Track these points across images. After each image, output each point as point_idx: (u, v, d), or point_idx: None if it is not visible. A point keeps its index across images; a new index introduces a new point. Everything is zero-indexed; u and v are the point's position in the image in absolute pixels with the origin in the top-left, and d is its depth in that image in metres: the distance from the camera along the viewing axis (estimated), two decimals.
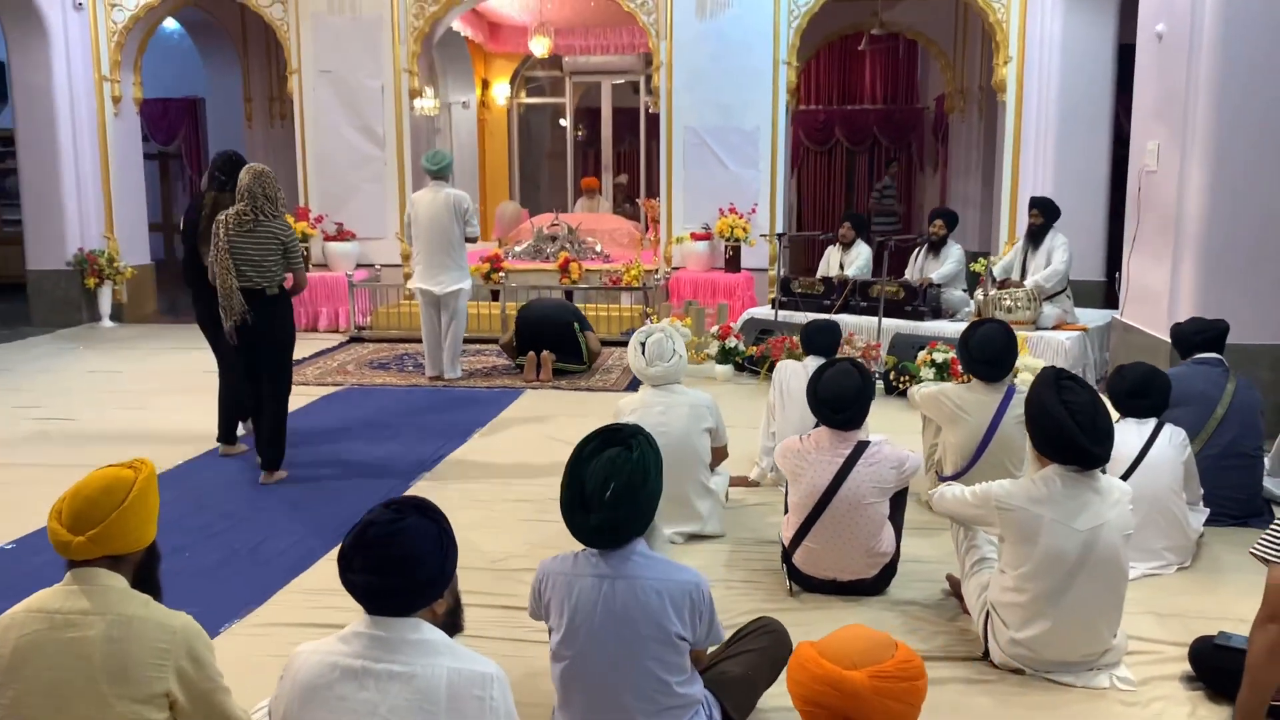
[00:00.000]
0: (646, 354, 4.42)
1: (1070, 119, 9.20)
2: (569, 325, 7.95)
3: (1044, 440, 3.02)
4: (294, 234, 5.25)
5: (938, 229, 8.26)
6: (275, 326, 5.19)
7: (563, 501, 2.55)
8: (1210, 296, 5.86)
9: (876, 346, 7.31)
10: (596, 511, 2.47)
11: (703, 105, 9.99)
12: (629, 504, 2.47)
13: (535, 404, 7.07)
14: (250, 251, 5.09)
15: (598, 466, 2.50)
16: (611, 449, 2.55)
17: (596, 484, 2.48)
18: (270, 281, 5.14)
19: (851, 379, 3.83)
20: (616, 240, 11.57)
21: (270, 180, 5.13)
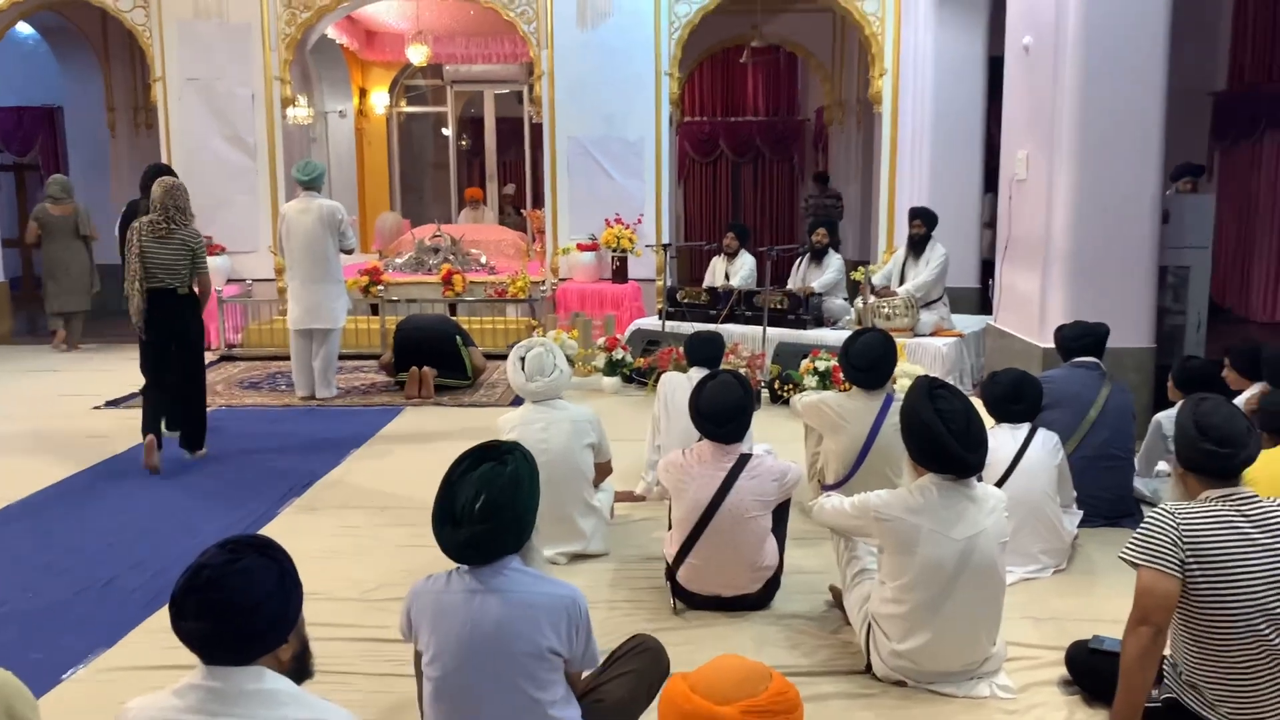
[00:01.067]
0: (526, 369, 4.30)
1: (944, 130, 9.42)
2: (450, 340, 7.77)
3: (919, 450, 3.01)
4: (202, 242, 5.88)
5: (819, 238, 8.35)
6: (189, 322, 5.81)
7: (434, 519, 2.47)
8: (1078, 302, 6.01)
9: (761, 356, 7.32)
10: (467, 525, 2.41)
11: (586, 115, 9.91)
12: (500, 517, 2.41)
13: (415, 422, 6.87)
14: (164, 256, 5.70)
15: (470, 481, 2.47)
16: (485, 464, 2.49)
17: (467, 498, 2.43)
18: (181, 283, 5.75)
19: (732, 392, 3.78)
20: (502, 251, 11.40)
21: (181, 193, 5.76)
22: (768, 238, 15.95)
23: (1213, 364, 4.88)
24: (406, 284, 9.94)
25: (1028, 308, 6.54)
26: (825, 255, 8.33)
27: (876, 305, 7.68)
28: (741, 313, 8.19)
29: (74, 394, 7.70)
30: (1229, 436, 2.64)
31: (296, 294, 7.32)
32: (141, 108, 12.56)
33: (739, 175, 16.58)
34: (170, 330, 5.75)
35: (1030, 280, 6.50)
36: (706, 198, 16.63)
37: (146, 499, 5.24)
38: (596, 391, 7.71)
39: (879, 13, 9.68)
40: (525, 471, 2.51)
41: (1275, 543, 2.61)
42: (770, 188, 16.47)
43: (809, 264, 8.44)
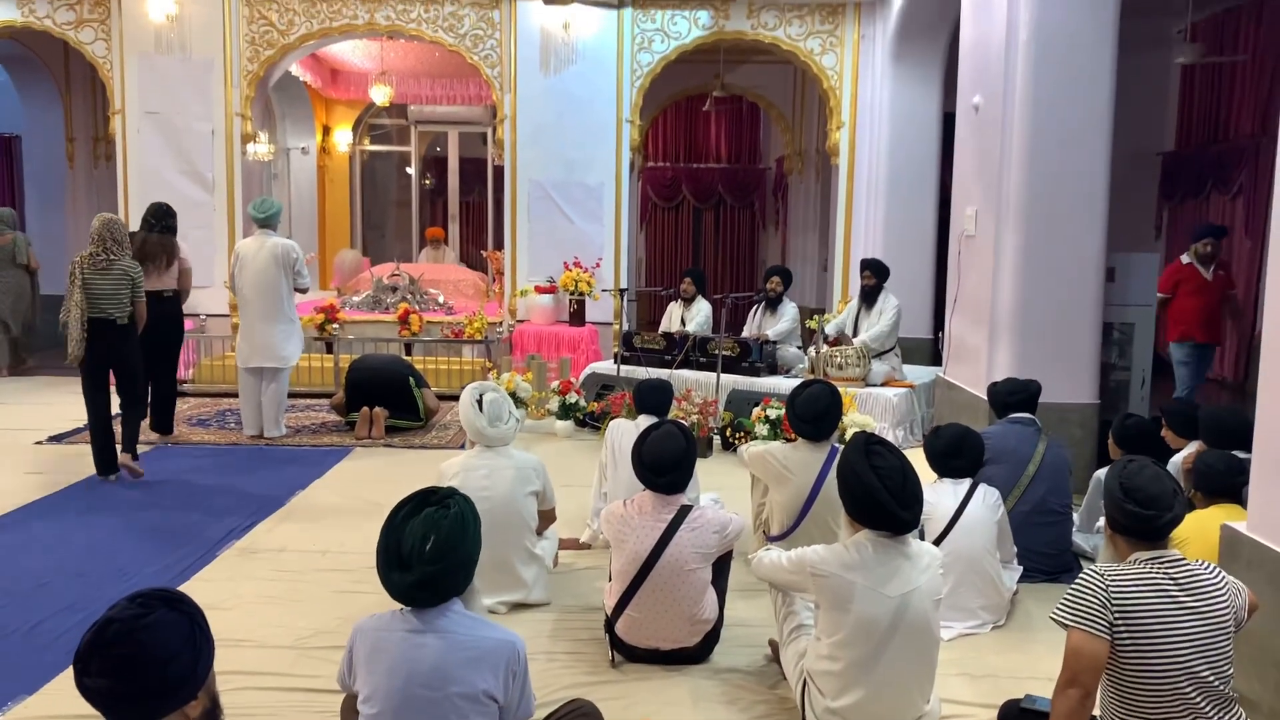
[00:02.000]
0: (486, 413, 4.26)
1: (899, 183, 9.56)
2: (403, 380, 7.72)
3: (855, 506, 3.01)
4: (140, 271, 6.20)
5: (774, 286, 8.40)
6: (128, 349, 6.10)
7: (379, 564, 2.49)
8: (1024, 357, 6.09)
9: (714, 402, 7.33)
10: (417, 567, 2.43)
11: (547, 159, 9.96)
12: (450, 559, 2.45)
13: (364, 463, 6.80)
14: (104, 287, 6.00)
15: (415, 525, 2.51)
16: (429, 508, 2.52)
17: (415, 541, 2.47)
18: (122, 312, 6.05)
19: (674, 442, 3.77)
20: (461, 291, 11.37)
21: (119, 227, 6.11)
22: (729, 284, 16.06)
23: (1151, 421, 4.95)
24: (363, 322, 9.87)
25: (976, 361, 6.61)
26: (780, 303, 8.39)
27: (829, 354, 7.73)
28: (696, 358, 8.21)
29: (16, 428, 7.54)
30: (1153, 498, 2.66)
31: (247, 332, 7.24)
32: (101, 139, 12.47)
33: (701, 221, 16.70)
34: (112, 356, 6.07)
35: (978, 334, 6.58)
36: (668, 242, 16.73)
37: (83, 539, 5.12)
38: (550, 435, 7.68)
39: (837, 67, 9.85)
40: (469, 514, 2.57)
41: (1202, 606, 2.64)
42: (731, 234, 16.60)
43: (764, 312, 8.49)
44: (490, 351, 9.31)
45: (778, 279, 8.45)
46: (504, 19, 9.82)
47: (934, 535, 4.10)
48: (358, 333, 9.55)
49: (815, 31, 9.86)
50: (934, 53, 9.47)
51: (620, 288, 9.48)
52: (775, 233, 15.72)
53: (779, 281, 8.42)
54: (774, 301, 8.41)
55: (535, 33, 9.78)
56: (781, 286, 8.40)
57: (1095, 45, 5.93)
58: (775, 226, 15.72)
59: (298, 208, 13.62)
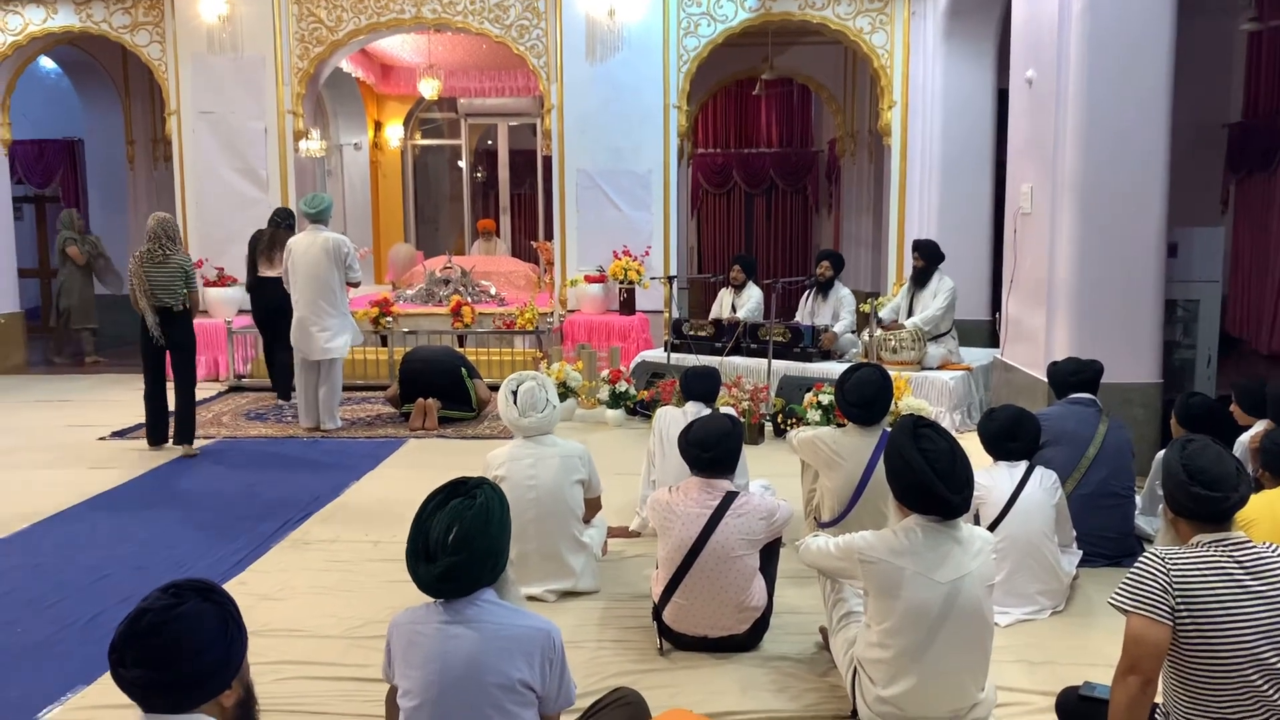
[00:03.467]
0: (519, 404, 4.26)
1: (953, 161, 9.37)
2: (456, 371, 7.77)
3: (903, 490, 2.94)
4: (192, 264, 6.78)
5: (824, 271, 8.29)
6: (183, 334, 6.73)
7: (408, 557, 2.48)
8: (1083, 336, 5.93)
9: (765, 389, 7.26)
10: (441, 559, 2.43)
11: (595, 148, 9.93)
12: (473, 548, 2.43)
13: (417, 454, 6.85)
14: (161, 279, 6.61)
15: (441, 517, 2.52)
16: (456, 499, 2.51)
17: (439, 532, 2.47)
18: (176, 300, 6.64)
19: (719, 421, 3.77)
20: (513, 283, 11.42)
21: (171, 224, 6.73)
22: (782, 269, 15.92)
23: (1216, 401, 4.79)
24: (416, 315, 9.95)
25: (1033, 341, 6.46)
26: (831, 288, 8.28)
27: (884, 338, 7.61)
28: (746, 345, 8.14)
29: (81, 424, 7.72)
30: (1218, 479, 2.55)
31: (300, 325, 7.33)
32: (159, 140, 12.72)
33: (752, 207, 16.57)
34: (170, 341, 6.70)
35: (1035, 314, 6.43)
36: (720, 229, 16.63)
37: (141, 532, 5.22)
38: (601, 424, 7.68)
39: (887, 45, 9.67)
40: (495, 503, 2.54)
41: (1269, 590, 2.52)
42: (784, 219, 16.44)
43: (815, 297, 8.38)
44: (541, 342, 9.33)
45: (827, 263, 8.34)
46: (549, 7, 9.81)
47: (989, 519, 4.01)
48: (411, 325, 9.63)
49: (865, 10, 9.69)
50: (986, 27, 9.25)
51: (669, 275, 9.42)
52: (828, 216, 15.55)
53: (829, 266, 8.30)
54: (825, 287, 8.30)
55: (580, 20, 9.75)
56: (831, 271, 8.28)
57: (1153, 13, 5.73)
58: (828, 210, 15.54)
59: (351, 203, 13.78)
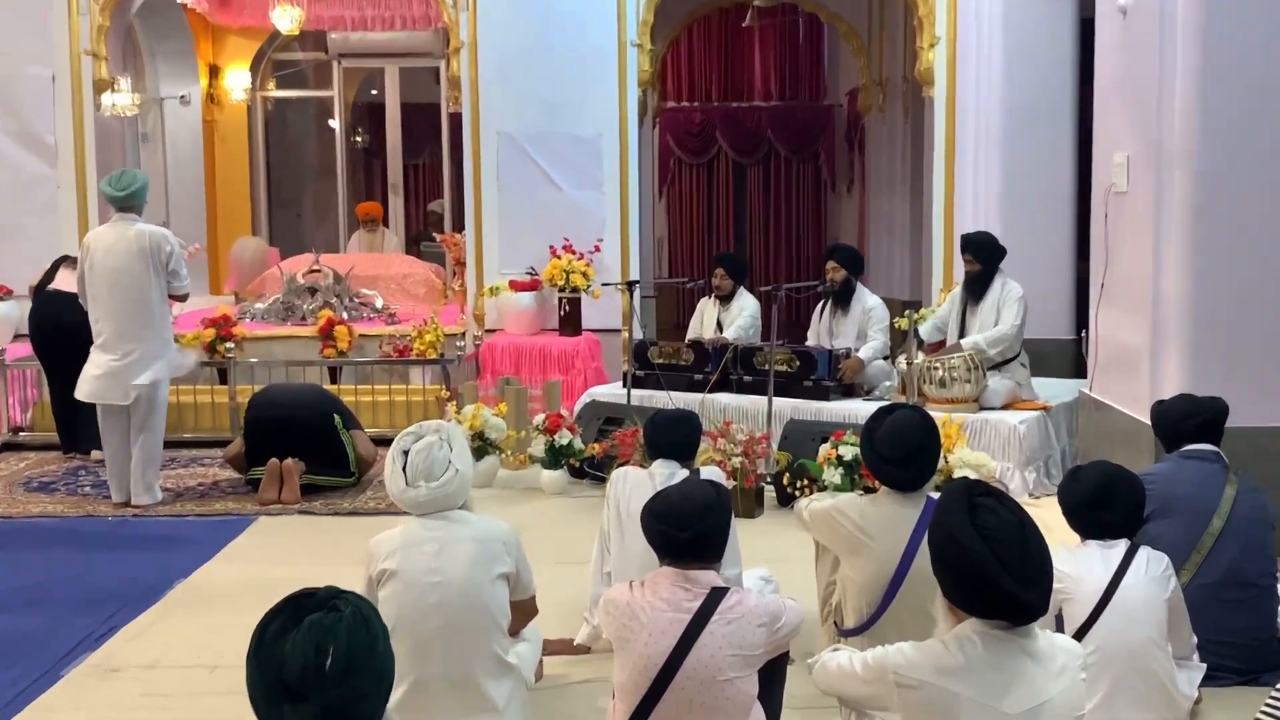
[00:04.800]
0: (411, 468, 4.23)
1: (1020, 121, 9.51)
2: (325, 420, 7.75)
3: (955, 584, 2.96)
4: None
5: (832, 273, 8.38)
6: None
7: (256, 702, 2.44)
8: (1203, 364, 6.03)
9: (764, 439, 7.29)
10: (314, 695, 2.38)
11: (522, 102, 9.99)
12: (361, 674, 2.41)
13: (271, 539, 6.81)
14: None
15: (299, 640, 2.46)
16: (310, 616, 2.48)
17: (306, 659, 2.42)
18: None
19: (699, 487, 3.79)
20: (408, 291, 11.42)
21: None
22: (784, 270, 16.09)
23: None
24: (270, 339, 9.92)
25: (1133, 371, 6.56)
26: (850, 296, 8.36)
27: (928, 366, 7.68)
28: (738, 377, 8.17)
29: None
30: None
31: (100, 356, 7.25)
32: None
33: (744, 182, 16.75)
34: None
35: (1136, 332, 6.53)
36: (699, 214, 16.79)
37: None
38: (534, 492, 7.67)
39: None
40: (372, 614, 2.52)
41: None
42: (787, 199, 16.64)
43: (833, 311, 8.45)
44: (448, 375, 9.32)
45: (834, 263, 8.43)
46: None
47: (1077, 622, 4.04)
48: (263, 353, 9.57)
49: None
50: None
51: (629, 281, 9.47)
52: (849, 195, 15.74)
53: (836, 267, 8.39)
54: (844, 295, 8.36)
55: None
56: (844, 272, 8.35)
57: None
58: (848, 186, 15.72)
59: (177, 181, 13.71)
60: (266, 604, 2.53)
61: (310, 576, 5.87)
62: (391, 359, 9.55)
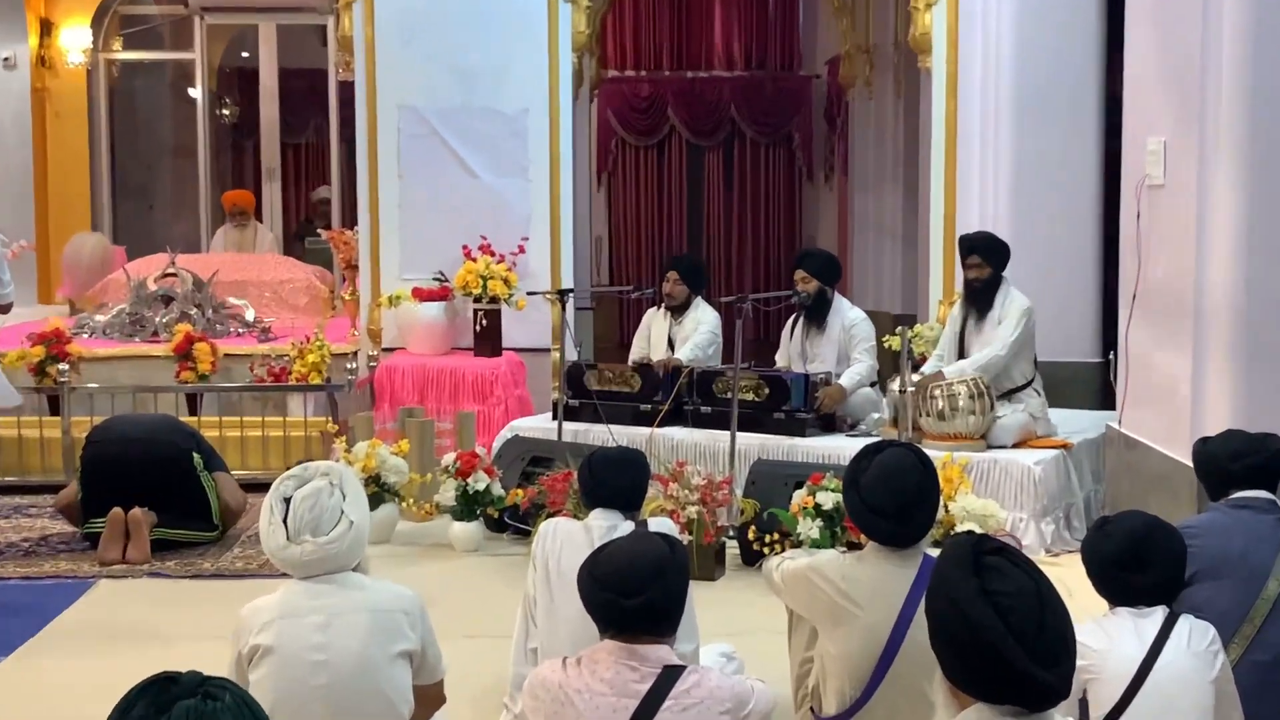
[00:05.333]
0: (291, 521, 4.21)
1: (1034, 97, 9.57)
2: (182, 460, 7.70)
3: (959, 662, 2.97)
4: None
5: (802, 283, 8.42)
6: None
7: None
8: (1257, 391, 6.07)
9: (726, 483, 7.31)
10: None
11: (429, 70, 10.00)
12: None
13: (115, 608, 6.76)
14: None
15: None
16: (182, 703, 2.45)
17: None
18: None
19: (648, 543, 3.78)
20: (286, 300, 11.37)
21: None
22: (751, 278, 16.15)
23: None
24: (113, 359, 9.87)
25: (1170, 400, 6.62)
26: (826, 309, 8.40)
27: (924, 393, 7.72)
28: (694, 408, 8.20)
29: None
30: None
31: None
32: None
33: (701, 169, 16.83)
34: None
35: (1174, 354, 6.60)
36: (647, 208, 16.84)
37: None
38: (442, 549, 7.67)
39: None
40: (255, 703, 2.50)
41: None
42: (755, 191, 16.72)
43: (807, 327, 8.49)
44: (336, 405, 9.28)
45: (804, 273, 8.47)
46: None
47: (1105, 707, 4.06)
48: (104, 377, 9.54)
49: None
50: None
51: (562, 289, 9.47)
52: (828, 186, 15.83)
53: (807, 277, 8.43)
54: (818, 309, 8.39)
55: None
56: (815, 282, 8.39)
57: None
58: (828, 176, 15.82)
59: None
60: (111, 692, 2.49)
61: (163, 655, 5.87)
62: (265, 385, 9.50)
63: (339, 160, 14.25)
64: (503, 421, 9.18)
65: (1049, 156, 9.60)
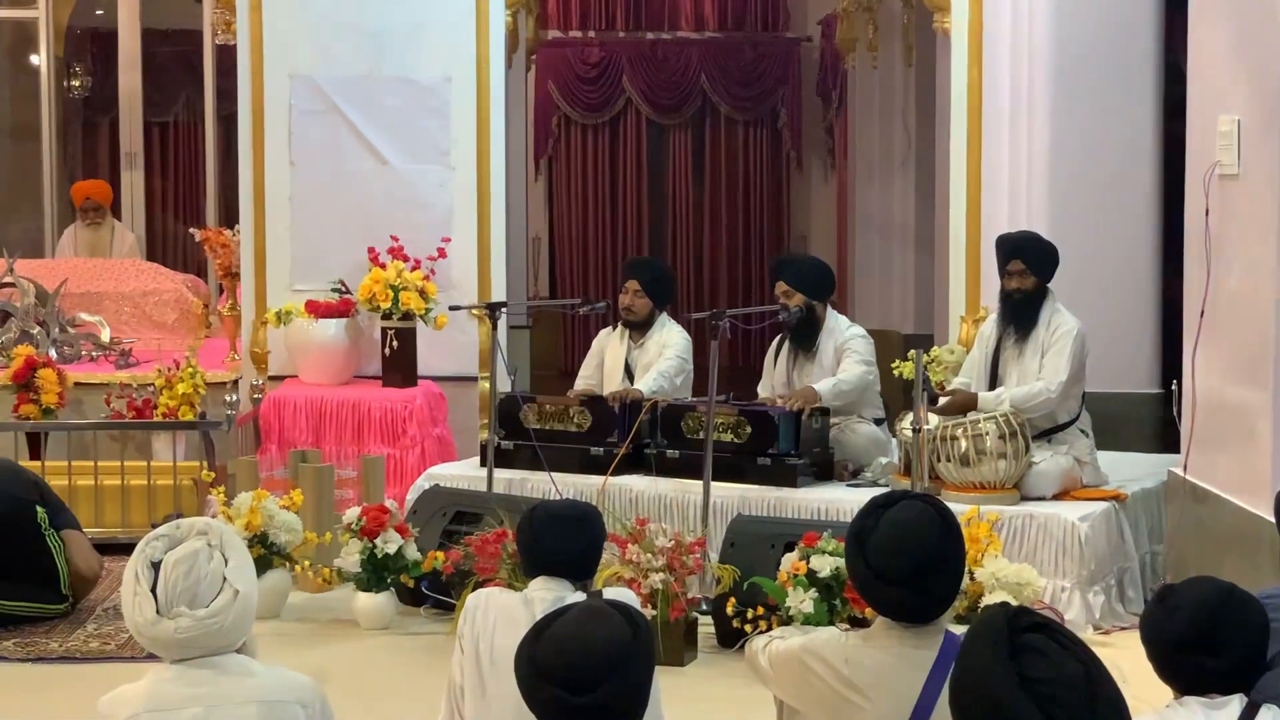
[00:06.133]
0: (161, 591, 4.20)
1: (1079, 67, 9.64)
2: (23, 515, 7.71)
3: None
4: None
5: (785, 297, 8.43)
6: None
7: None
8: None
9: (698, 545, 7.32)
10: None
11: (330, 32, 10.04)
12: None
13: None
14: None
15: None
16: None
17: None
18: None
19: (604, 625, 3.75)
20: (150, 316, 11.36)
21: None
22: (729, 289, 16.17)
23: None
24: None
25: (1248, 440, 6.66)
26: (816, 330, 8.43)
27: (946, 434, 7.74)
28: (658, 451, 8.22)
29: None
30: None
31: None
32: None
33: (664, 153, 16.86)
34: None
35: (1252, 383, 6.64)
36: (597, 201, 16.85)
37: None
38: (343, 625, 7.70)
39: None
40: None
41: None
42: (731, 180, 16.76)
43: (794, 351, 8.51)
44: (212, 447, 9.26)
45: (785, 285, 8.47)
46: None
47: None
48: None
49: None
50: None
51: (492, 302, 9.49)
52: (822, 174, 15.90)
53: (790, 290, 8.43)
54: (806, 328, 8.39)
55: None
56: (800, 296, 8.40)
57: None
58: (824, 161, 15.87)
59: None
60: None
61: None
62: (125, 421, 9.48)
63: (215, 143, 14.25)
64: (419, 468, 9.19)
65: (1095, 139, 9.65)
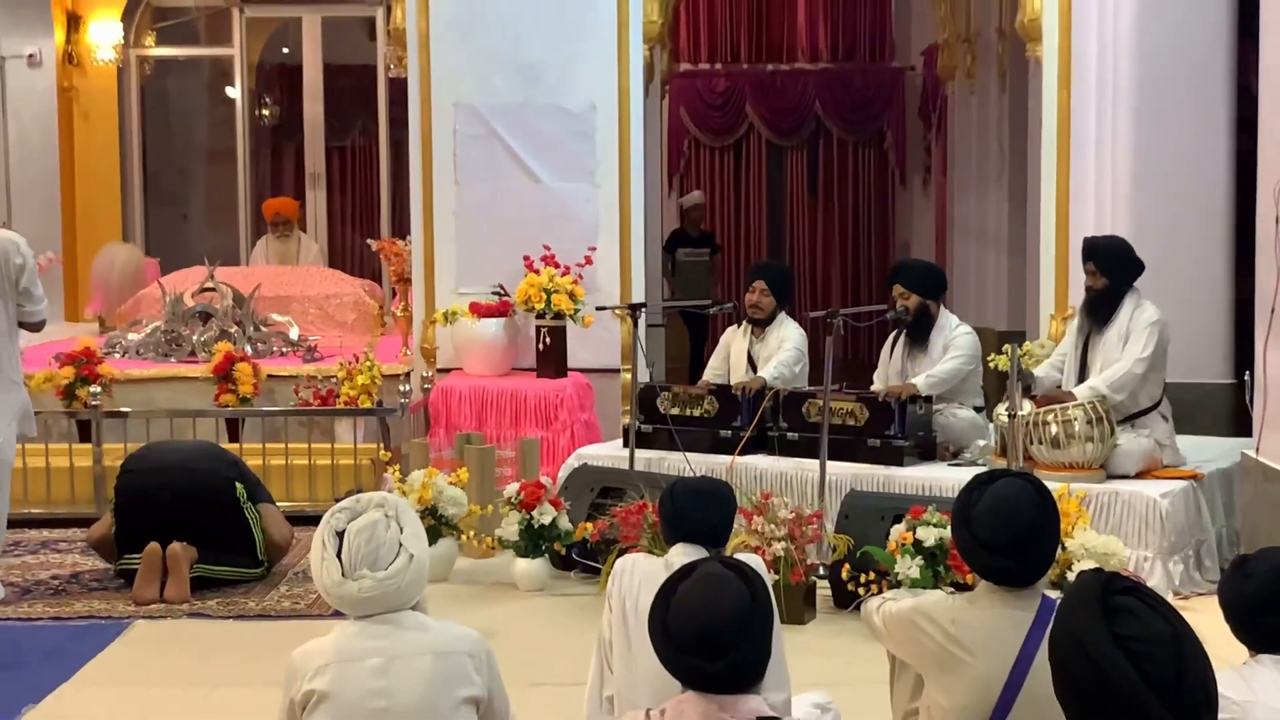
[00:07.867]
0: (347, 556, 4.23)
1: (1160, 88, 9.51)
2: (224, 490, 7.75)
3: (1088, 715, 2.95)
4: None
5: (902, 299, 8.39)
6: None
7: None
8: None
9: (815, 517, 7.29)
10: None
11: (490, 66, 10.03)
12: None
13: (152, 652, 6.80)
14: None
15: None
16: None
17: None
18: None
19: (725, 590, 3.72)
20: (333, 317, 11.42)
21: None
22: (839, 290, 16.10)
23: None
24: (147, 380, 9.95)
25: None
26: (930, 325, 8.39)
27: (1038, 419, 7.67)
28: (780, 434, 8.19)
29: None
30: None
31: None
32: None
33: (783, 171, 16.80)
34: None
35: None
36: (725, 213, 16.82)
37: None
38: (504, 587, 7.70)
39: None
40: None
41: None
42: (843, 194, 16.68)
43: (908, 347, 8.48)
44: (388, 430, 9.31)
45: (902, 288, 8.43)
46: None
47: None
48: (139, 400, 9.60)
49: None
50: None
51: (632, 304, 9.48)
52: (924, 189, 15.78)
53: (906, 292, 8.39)
54: (920, 325, 8.36)
55: None
56: (916, 297, 8.36)
57: None
58: (924, 178, 15.76)
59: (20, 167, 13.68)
60: None
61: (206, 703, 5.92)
62: (312, 409, 9.55)
63: (388, 164, 14.35)
64: (569, 449, 9.20)
65: (1173, 154, 9.52)
